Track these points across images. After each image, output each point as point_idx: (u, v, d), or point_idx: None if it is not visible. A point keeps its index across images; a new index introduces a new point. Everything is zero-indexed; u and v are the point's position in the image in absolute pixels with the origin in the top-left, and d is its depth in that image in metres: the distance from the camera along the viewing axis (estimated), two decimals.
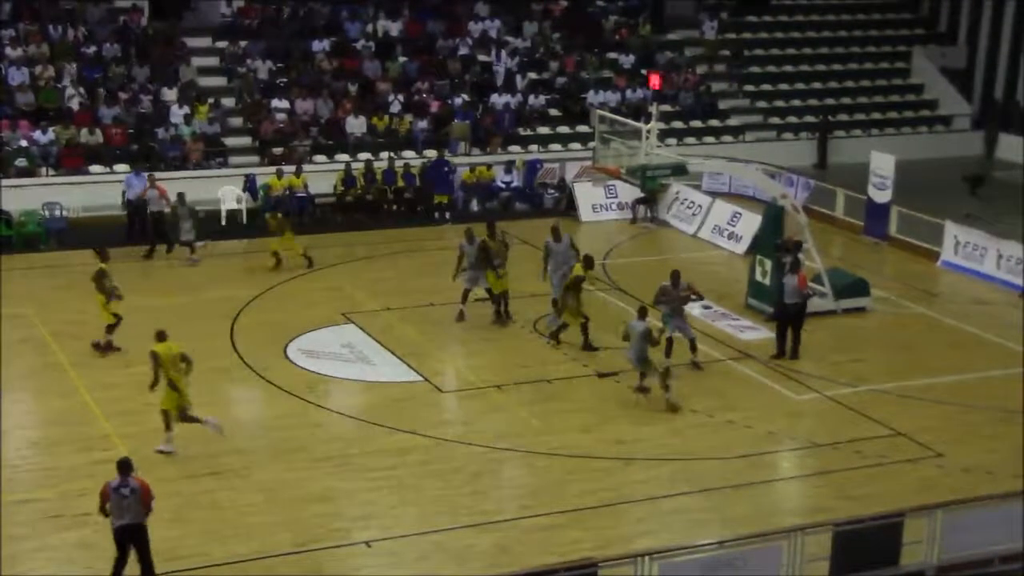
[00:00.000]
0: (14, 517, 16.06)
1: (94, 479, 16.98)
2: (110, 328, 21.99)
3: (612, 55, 40.11)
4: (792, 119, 40.28)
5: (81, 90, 34.28)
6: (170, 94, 34.87)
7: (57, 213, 30.32)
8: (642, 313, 20.24)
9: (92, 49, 35.59)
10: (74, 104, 33.89)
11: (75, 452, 18.06)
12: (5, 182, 31.09)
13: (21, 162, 31.89)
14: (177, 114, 34.21)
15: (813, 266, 25.15)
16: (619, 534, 16.24)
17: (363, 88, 36.71)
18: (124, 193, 29.77)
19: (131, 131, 33.56)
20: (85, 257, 27.64)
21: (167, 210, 28.83)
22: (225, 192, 31.86)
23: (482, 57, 38.85)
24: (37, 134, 32.53)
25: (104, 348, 21.99)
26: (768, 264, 24.49)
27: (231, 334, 23.08)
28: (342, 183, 33.00)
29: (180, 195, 28.62)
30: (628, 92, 38.11)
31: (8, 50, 34.72)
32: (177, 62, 36.11)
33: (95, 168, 31.86)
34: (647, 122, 26.94)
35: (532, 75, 38.69)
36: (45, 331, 23.14)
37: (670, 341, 21.33)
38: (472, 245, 23.96)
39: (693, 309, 23.04)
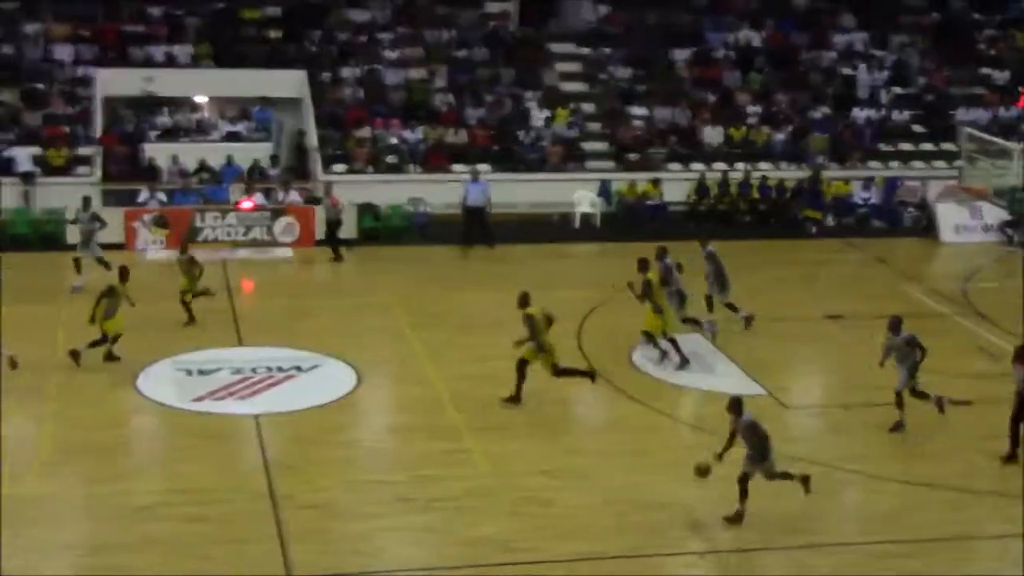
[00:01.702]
0: (367, 496, 16.84)
1: (443, 467, 17.70)
2: (96, 343, 21.08)
3: (985, 70, 38.38)
4: None
5: (450, 92, 35.70)
6: (532, 98, 35.82)
7: (421, 209, 31.72)
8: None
9: (463, 53, 36.96)
10: (442, 105, 35.32)
11: (426, 439, 18.77)
12: (376, 176, 32.84)
13: (391, 158, 33.56)
14: (538, 117, 35.13)
15: None
16: (968, 570, 15.53)
17: (722, 98, 36.58)
18: (464, 197, 30.40)
19: (493, 132, 34.69)
20: (445, 252, 28.92)
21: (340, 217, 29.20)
22: (580, 196, 32.48)
23: (845, 70, 37.99)
24: (407, 132, 34.14)
25: (75, 355, 20.97)
26: None
27: (578, 335, 23.44)
28: (695, 192, 33.01)
29: (85, 198, 26.85)
30: (1000, 110, 36.38)
31: (387, 52, 36.57)
32: (541, 67, 37.02)
33: (458, 167, 33.08)
34: (1020, 142, 25.72)
35: (897, 89, 37.52)
36: (404, 321, 24.19)
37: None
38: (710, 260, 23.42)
39: None
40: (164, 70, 34.80)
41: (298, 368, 21.39)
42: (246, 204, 30.14)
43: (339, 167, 33.27)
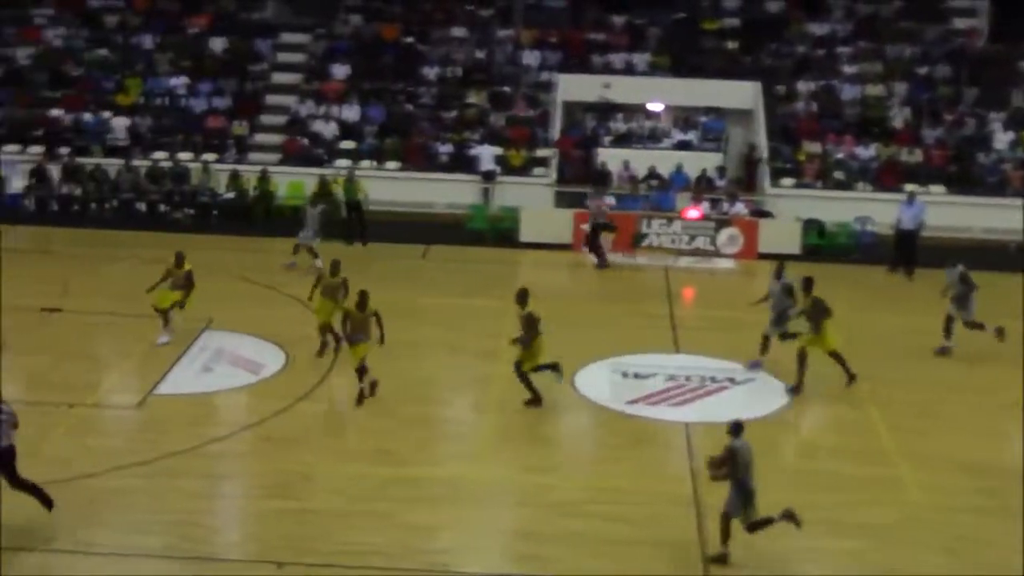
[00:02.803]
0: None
1: (873, 492, 17.19)
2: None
3: None
4: None
5: (907, 109, 34.64)
6: (997, 118, 34.18)
7: (868, 228, 30.94)
8: None
9: (924, 69, 35.76)
10: (898, 122, 34.31)
11: (857, 463, 18.28)
12: (824, 192, 32.35)
13: (840, 174, 32.94)
14: (1002, 140, 33.49)
15: None
16: None
17: None
18: (898, 220, 29.02)
19: (951, 153, 33.38)
20: (888, 274, 28.11)
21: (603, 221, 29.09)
22: None
23: None
24: (859, 149, 33.40)
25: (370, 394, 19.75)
26: None
27: None
28: None
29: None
30: None
31: (845, 67, 35.93)
32: (1010, 86, 35.25)
33: (910, 187, 31.94)
34: None
35: None
36: (839, 341, 23.61)
37: None
38: None
39: None
40: (622, 77, 35.73)
41: (732, 380, 21.40)
42: (692, 213, 30.44)
43: (787, 181, 33.02)
